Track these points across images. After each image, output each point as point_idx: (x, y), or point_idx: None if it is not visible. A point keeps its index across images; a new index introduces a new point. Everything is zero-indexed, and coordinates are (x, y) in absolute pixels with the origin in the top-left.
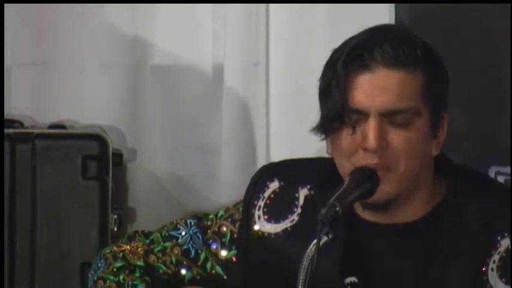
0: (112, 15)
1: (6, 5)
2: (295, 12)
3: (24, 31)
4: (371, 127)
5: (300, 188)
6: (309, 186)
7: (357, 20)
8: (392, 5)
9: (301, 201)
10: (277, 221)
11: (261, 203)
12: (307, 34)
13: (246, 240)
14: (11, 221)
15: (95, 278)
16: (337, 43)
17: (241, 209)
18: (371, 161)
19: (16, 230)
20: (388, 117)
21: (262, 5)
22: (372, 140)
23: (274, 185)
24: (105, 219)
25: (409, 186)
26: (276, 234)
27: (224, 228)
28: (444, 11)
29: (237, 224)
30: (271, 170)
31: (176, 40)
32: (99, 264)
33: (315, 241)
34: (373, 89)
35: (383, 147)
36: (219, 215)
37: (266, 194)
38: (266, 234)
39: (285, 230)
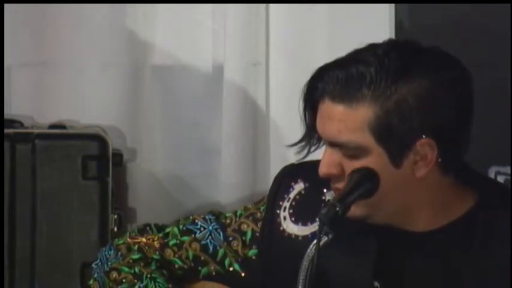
0: (112, 15)
1: (6, 5)
2: (295, 12)
3: (24, 31)
4: (323, 154)
5: (325, 191)
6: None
7: (357, 20)
8: (392, 5)
9: None
10: (305, 224)
11: (286, 204)
12: (307, 34)
13: (269, 239)
14: (11, 221)
15: (107, 269)
16: (337, 43)
17: (262, 208)
18: (332, 184)
19: (16, 230)
20: (338, 147)
21: (262, 5)
22: (321, 167)
23: (299, 186)
24: (105, 219)
25: (389, 208)
26: (305, 236)
27: (245, 226)
28: (444, 11)
29: (259, 223)
30: (294, 171)
31: (176, 40)
32: (108, 255)
33: (315, 241)
34: (322, 118)
35: (335, 174)
36: (238, 213)
37: (291, 195)
38: (293, 236)
39: (314, 233)
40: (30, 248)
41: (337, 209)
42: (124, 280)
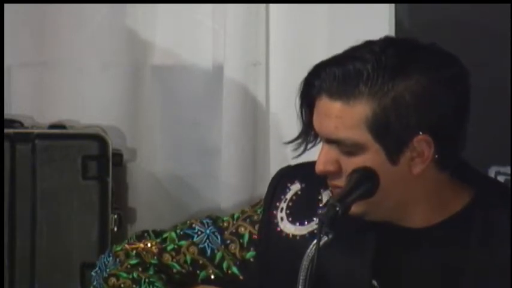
0: (112, 15)
1: (6, 5)
2: (295, 12)
3: (24, 31)
4: (320, 151)
5: (322, 190)
6: (331, 188)
7: (357, 20)
8: (392, 5)
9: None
10: (302, 223)
11: (283, 205)
12: (307, 34)
13: (267, 240)
14: (11, 221)
15: (105, 275)
16: (337, 43)
17: (259, 210)
18: (330, 181)
19: (16, 230)
20: (335, 144)
21: (262, 5)
22: (318, 164)
23: (296, 187)
24: (105, 219)
25: (387, 205)
26: (302, 236)
27: (242, 229)
28: (444, 11)
29: (256, 226)
30: (291, 172)
31: (176, 40)
32: (107, 262)
33: (315, 241)
34: (319, 115)
35: (332, 171)
36: (235, 216)
37: (288, 196)
38: (291, 236)
39: (312, 233)
40: (30, 248)
41: (337, 209)
42: (122, 285)
